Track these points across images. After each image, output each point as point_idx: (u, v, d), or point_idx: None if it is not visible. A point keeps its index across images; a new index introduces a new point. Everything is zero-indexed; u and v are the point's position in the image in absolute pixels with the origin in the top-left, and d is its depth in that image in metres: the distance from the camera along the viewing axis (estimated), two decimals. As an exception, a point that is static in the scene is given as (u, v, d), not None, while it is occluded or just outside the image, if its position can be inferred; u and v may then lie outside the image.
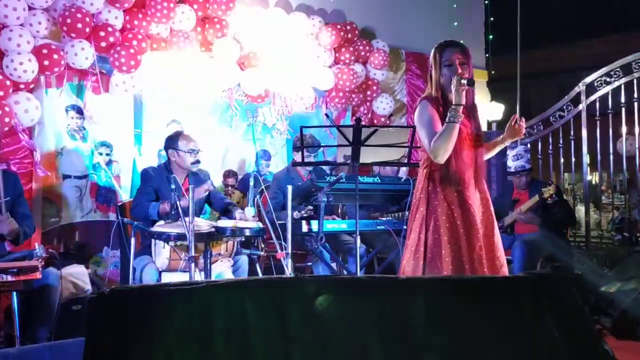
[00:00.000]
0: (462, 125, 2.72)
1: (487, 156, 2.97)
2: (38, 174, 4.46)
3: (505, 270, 2.84)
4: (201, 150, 4.06)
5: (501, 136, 2.95)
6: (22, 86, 4.26)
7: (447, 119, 2.69)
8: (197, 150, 4.00)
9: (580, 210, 7.14)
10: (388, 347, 1.45)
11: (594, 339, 1.55)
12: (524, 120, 2.91)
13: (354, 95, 5.96)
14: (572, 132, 6.28)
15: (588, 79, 6.15)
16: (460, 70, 2.72)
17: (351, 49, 5.88)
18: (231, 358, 1.34)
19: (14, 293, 3.08)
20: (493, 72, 7.78)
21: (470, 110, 2.82)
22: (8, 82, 4.11)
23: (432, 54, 2.83)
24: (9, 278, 2.92)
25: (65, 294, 3.60)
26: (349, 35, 5.92)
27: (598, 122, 6.10)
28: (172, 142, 4.03)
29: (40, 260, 3.03)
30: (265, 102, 5.61)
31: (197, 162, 4.01)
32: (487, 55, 7.66)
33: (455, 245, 2.67)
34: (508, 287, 1.57)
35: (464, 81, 2.66)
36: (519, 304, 1.55)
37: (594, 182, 8.63)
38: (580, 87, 6.18)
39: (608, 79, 6.00)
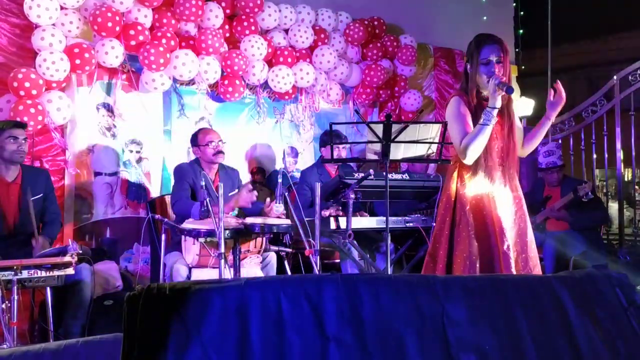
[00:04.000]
0: None
1: (534, 143, 2.87)
2: (70, 172, 4.52)
3: (538, 270, 2.78)
4: (223, 142, 4.09)
5: (545, 114, 2.81)
6: (54, 85, 4.32)
7: (480, 120, 2.63)
8: (217, 142, 4.02)
9: (613, 207, 6.98)
10: (426, 347, 1.43)
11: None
12: (559, 83, 2.78)
13: (381, 92, 5.91)
14: (605, 128, 6.13)
15: (622, 73, 5.99)
16: (497, 71, 2.65)
17: (378, 44, 5.84)
18: (268, 356, 1.33)
19: (48, 288, 3.14)
20: (523, 67, 7.64)
21: (504, 106, 2.73)
22: (41, 81, 4.17)
23: (469, 47, 2.75)
24: (43, 274, 2.98)
25: (96, 290, 3.65)
26: (376, 31, 5.87)
27: (633, 116, 5.94)
28: (193, 139, 4.15)
29: (73, 256, 3.08)
30: (292, 99, 5.61)
31: (219, 152, 4.03)
32: (516, 49, 7.53)
33: (485, 243, 2.63)
34: (549, 286, 1.53)
35: (503, 87, 2.59)
36: (561, 304, 1.52)
37: (626, 179, 8.44)
38: (615, 80, 6.03)
39: (643, 73, 5.85)
